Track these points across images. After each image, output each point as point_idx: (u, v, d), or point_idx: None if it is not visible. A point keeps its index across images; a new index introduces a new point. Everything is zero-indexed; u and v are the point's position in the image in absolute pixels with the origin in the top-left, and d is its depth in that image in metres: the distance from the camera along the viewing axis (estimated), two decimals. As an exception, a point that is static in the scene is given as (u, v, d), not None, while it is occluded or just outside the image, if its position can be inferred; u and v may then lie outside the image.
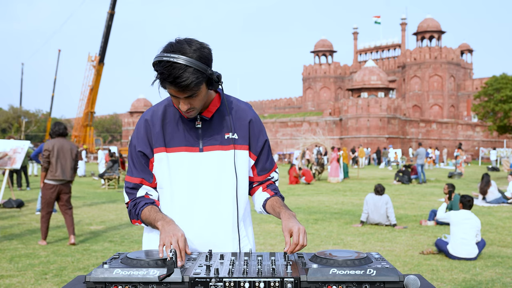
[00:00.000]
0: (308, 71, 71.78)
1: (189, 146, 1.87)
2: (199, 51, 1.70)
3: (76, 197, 13.60)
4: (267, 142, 2.01)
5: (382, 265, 1.50)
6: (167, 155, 1.87)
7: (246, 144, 1.93)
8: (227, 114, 1.91)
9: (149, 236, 1.97)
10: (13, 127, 68.74)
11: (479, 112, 33.65)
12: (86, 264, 5.87)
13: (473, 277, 5.45)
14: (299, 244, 1.67)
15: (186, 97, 1.73)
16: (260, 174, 2.02)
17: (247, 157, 1.95)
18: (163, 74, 1.67)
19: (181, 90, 1.69)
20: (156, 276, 1.44)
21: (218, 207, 1.88)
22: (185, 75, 1.65)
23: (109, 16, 43.40)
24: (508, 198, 12.64)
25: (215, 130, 1.89)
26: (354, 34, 76.29)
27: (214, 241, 1.88)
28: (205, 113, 1.88)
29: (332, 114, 50.95)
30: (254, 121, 1.96)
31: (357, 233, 8.16)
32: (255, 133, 1.96)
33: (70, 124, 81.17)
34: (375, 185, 9.01)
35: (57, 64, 61.49)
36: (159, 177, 1.90)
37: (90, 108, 49.98)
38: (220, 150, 1.88)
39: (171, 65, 1.65)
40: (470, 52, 69.77)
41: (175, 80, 1.66)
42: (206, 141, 1.88)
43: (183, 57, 1.66)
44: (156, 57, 1.69)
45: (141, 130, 1.90)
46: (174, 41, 1.72)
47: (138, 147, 1.89)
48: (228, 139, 1.89)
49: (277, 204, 1.92)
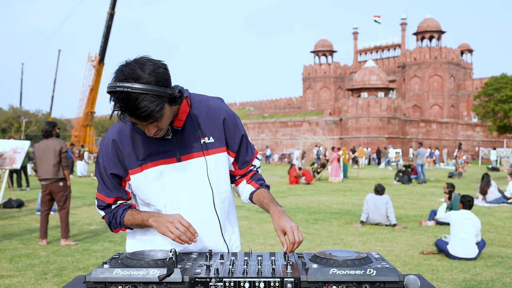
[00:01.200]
0: (308, 71, 71.76)
1: (166, 158, 1.79)
2: (154, 74, 1.56)
3: (76, 197, 13.60)
4: (244, 136, 1.95)
5: (382, 265, 1.50)
6: (144, 174, 1.79)
7: (223, 146, 1.89)
8: (199, 116, 1.83)
9: (132, 243, 1.95)
10: (13, 127, 68.72)
11: (479, 112, 33.65)
12: (86, 264, 5.87)
13: (473, 277, 5.45)
14: (296, 241, 1.67)
15: (150, 123, 1.64)
16: (242, 167, 2.00)
17: (226, 158, 1.92)
18: (120, 107, 1.56)
19: (143, 120, 1.59)
20: (156, 276, 1.44)
21: (205, 213, 1.86)
22: (143, 104, 1.54)
23: (109, 16, 43.38)
24: (508, 198, 12.64)
25: (189, 137, 1.81)
26: (354, 34, 76.30)
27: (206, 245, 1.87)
28: (176, 123, 1.79)
29: (332, 114, 50.95)
30: (227, 119, 1.89)
31: (357, 233, 8.16)
32: (230, 131, 1.90)
33: (70, 124, 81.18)
34: (375, 185, 9.01)
35: (57, 64, 61.55)
36: (143, 196, 1.85)
37: (90, 108, 49.96)
38: (198, 157, 1.83)
39: (126, 95, 1.52)
40: (470, 52, 69.76)
41: (134, 112, 1.55)
42: (182, 149, 1.81)
43: (137, 85, 1.52)
44: (109, 86, 1.56)
45: (109, 151, 1.80)
46: (124, 66, 1.58)
47: (109, 170, 1.80)
48: (205, 144, 1.84)
49: (265, 200, 1.90)
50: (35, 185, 17.40)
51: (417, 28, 63.96)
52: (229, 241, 1.96)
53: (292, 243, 1.67)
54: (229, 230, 1.97)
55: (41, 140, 7.22)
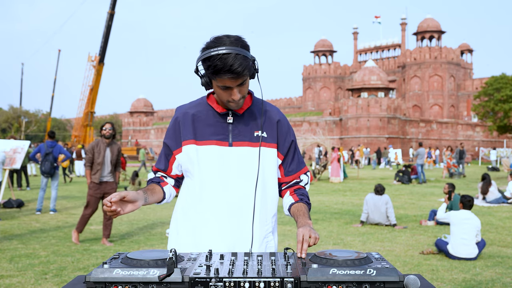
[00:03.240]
0: (308, 71, 71.76)
1: (219, 140, 1.92)
2: (239, 41, 1.78)
3: (76, 197, 13.61)
4: (294, 142, 2.04)
5: (382, 265, 1.50)
6: (196, 148, 1.93)
7: (274, 143, 1.97)
8: (257, 112, 1.97)
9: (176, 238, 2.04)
10: (13, 127, 68.75)
11: (479, 112, 33.64)
12: (86, 264, 5.87)
13: (473, 277, 5.45)
14: (303, 241, 1.70)
15: (238, 85, 1.80)
16: (287, 175, 2.05)
17: (275, 156, 1.99)
18: (217, 67, 1.73)
19: (236, 77, 1.76)
20: (156, 276, 1.44)
21: (243, 202, 1.92)
22: (238, 61, 1.73)
23: (109, 16, 43.36)
24: (508, 198, 12.64)
25: (245, 127, 1.94)
26: (354, 34, 76.30)
27: (237, 234, 1.91)
28: (237, 109, 1.93)
29: (332, 114, 50.95)
30: (281, 121, 2.01)
31: (357, 233, 8.16)
32: (282, 133, 2.00)
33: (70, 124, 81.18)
34: (375, 185, 9.01)
35: (57, 64, 61.51)
36: (188, 168, 1.96)
37: (90, 108, 49.94)
38: (249, 146, 1.93)
39: (221, 56, 1.72)
40: (470, 52, 69.77)
41: (230, 68, 1.72)
42: (235, 136, 1.93)
43: (230, 47, 1.74)
44: (202, 55, 1.77)
45: (171, 125, 2.02)
46: (212, 39, 1.79)
47: (165, 139, 2.02)
48: (257, 137, 1.94)
49: (299, 213, 1.95)
50: (35, 185, 17.41)
51: (417, 28, 63.96)
52: (263, 237, 1.97)
53: (300, 242, 1.70)
54: (265, 225, 1.98)
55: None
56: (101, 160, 7.15)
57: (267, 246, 2.00)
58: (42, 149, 10.19)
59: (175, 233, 2.06)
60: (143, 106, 69.40)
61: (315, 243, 1.74)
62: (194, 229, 1.97)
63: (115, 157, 7.28)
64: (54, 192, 10.58)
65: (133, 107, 69.70)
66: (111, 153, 7.24)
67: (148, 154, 51.14)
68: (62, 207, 11.46)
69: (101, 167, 7.17)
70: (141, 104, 69.53)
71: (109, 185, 7.28)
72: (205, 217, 1.93)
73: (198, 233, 1.95)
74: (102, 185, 7.25)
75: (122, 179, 19.78)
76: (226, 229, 1.91)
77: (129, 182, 17.75)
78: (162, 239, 7.62)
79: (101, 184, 7.25)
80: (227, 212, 1.91)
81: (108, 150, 7.24)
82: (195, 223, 1.96)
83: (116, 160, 7.30)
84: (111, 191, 7.25)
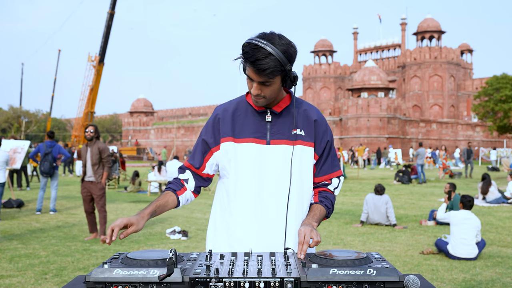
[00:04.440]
0: (308, 71, 71.76)
1: (257, 138, 1.93)
2: (286, 46, 1.79)
3: (76, 197, 13.61)
4: (330, 142, 2.03)
5: (382, 265, 1.50)
6: (234, 145, 1.94)
7: (312, 142, 1.97)
8: (295, 112, 1.96)
9: (214, 237, 2.06)
10: (13, 127, 68.73)
11: (479, 112, 33.62)
12: (86, 264, 5.87)
13: (473, 277, 5.45)
14: (304, 242, 1.70)
15: (260, 83, 1.81)
16: (318, 175, 2.03)
17: (312, 154, 1.98)
18: (247, 54, 1.76)
19: (257, 73, 1.77)
20: (156, 276, 1.44)
21: (278, 200, 1.92)
22: (266, 60, 1.75)
23: (109, 16, 43.35)
24: (508, 198, 12.64)
25: (283, 125, 1.95)
26: (354, 34, 76.29)
27: (272, 233, 1.91)
28: (275, 107, 1.95)
29: (332, 114, 50.95)
30: (319, 121, 2.01)
31: (357, 233, 8.16)
32: (319, 133, 2.00)
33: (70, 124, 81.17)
34: (375, 185, 9.01)
35: (57, 64, 61.52)
36: (225, 165, 1.97)
37: (90, 108, 49.93)
38: (286, 144, 1.93)
39: (257, 48, 1.75)
40: (470, 52, 69.76)
41: (255, 61, 1.75)
42: (273, 134, 1.94)
43: (270, 45, 1.76)
44: (248, 39, 1.80)
45: (210, 122, 2.02)
46: (270, 32, 1.83)
47: (202, 136, 2.03)
48: (295, 135, 1.94)
49: (310, 212, 1.95)
50: (35, 185, 17.41)
51: (417, 28, 63.95)
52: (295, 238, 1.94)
53: (300, 243, 1.70)
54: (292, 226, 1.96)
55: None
56: (84, 161, 7.60)
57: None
58: (41, 149, 10.19)
59: (213, 234, 2.06)
60: (143, 106, 69.38)
61: (316, 245, 1.74)
62: (229, 229, 1.97)
63: (96, 156, 7.52)
64: (54, 192, 10.58)
65: (133, 107, 69.69)
66: (91, 154, 7.55)
67: (148, 154, 51.12)
68: (62, 207, 11.46)
69: (85, 168, 7.60)
70: (141, 104, 69.51)
71: (93, 185, 7.59)
72: (239, 216, 1.94)
73: (232, 233, 1.95)
74: (87, 185, 7.63)
75: (122, 179, 19.77)
76: (262, 227, 1.91)
77: (129, 182, 17.76)
78: (162, 239, 7.63)
79: (86, 183, 7.64)
80: (262, 211, 1.91)
81: (89, 151, 7.59)
82: (231, 222, 1.96)
83: (98, 160, 7.52)
84: (95, 190, 7.57)
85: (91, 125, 7.66)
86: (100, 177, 7.57)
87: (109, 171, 7.67)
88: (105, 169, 7.60)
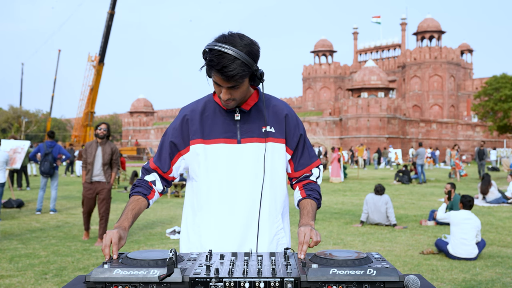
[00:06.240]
0: (308, 71, 71.75)
1: (227, 138, 1.91)
2: (249, 46, 1.76)
3: (76, 197, 13.61)
4: (303, 136, 2.02)
5: (382, 265, 1.50)
6: (204, 147, 1.91)
7: (282, 138, 1.96)
8: (264, 108, 1.94)
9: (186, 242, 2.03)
10: (13, 127, 68.73)
11: (479, 112, 33.61)
12: (86, 264, 5.87)
13: (473, 277, 5.45)
14: (303, 242, 1.70)
15: (229, 87, 1.79)
16: (297, 169, 2.03)
17: (283, 150, 1.97)
18: (212, 62, 1.72)
19: (226, 80, 1.75)
20: (156, 276, 1.44)
21: (251, 199, 1.91)
22: (233, 66, 1.71)
23: (109, 16, 43.38)
24: (508, 198, 12.64)
25: (253, 123, 1.93)
26: (354, 34, 76.28)
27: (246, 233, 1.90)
28: (244, 106, 1.93)
29: (332, 114, 50.94)
30: (289, 115, 1.99)
31: (357, 233, 8.16)
32: (290, 127, 1.98)
33: (70, 124, 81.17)
34: (375, 185, 9.01)
35: (57, 64, 61.59)
36: (195, 169, 1.94)
37: (90, 108, 49.97)
38: (257, 142, 1.92)
39: (221, 54, 1.71)
40: (470, 52, 69.75)
41: (222, 69, 1.71)
42: (244, 133, 1.92)
43: (234, 49, 1.71)
44: (208, 45, 1.75)
45: (177, 123, 1.97)
46: (227, 34, 1.78)
47: (171, 138, 1.96)
48: (265, 132, 1.93)
49: (303, 211, 1.93)
50: (35, 185, 17.41)
51: (417, 28, 63.94)
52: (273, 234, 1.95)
53: (301, 243, 1.69)
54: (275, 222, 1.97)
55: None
56: (91, 160, 7.21)
57: (278, 243, 1.98)
58: (42, 149, 10.19)
59: (185, 237, 2.04)
60: (143, 106, 69.40)
61: (315, 245, 1.74)
62: (202, 231, 1.95)
63: (108, 157, 7.25)
64: (54, 192, 10.58)
65: (133, 107, 69.70)
66: (103, 153, 7.24)
67: (148, 154, 51.11)
68: (62, 207, 11.46)
69: (92, 166, 7.23)
70: (141, 104, 69.53)
71: (101, 185, 7.31)
72: (213, 217, 1.92)
73: (205, 235, 1.94)
74: (93, 185, 7.31)
75: (122, 179, 19.78)
76: (235, 228, 1.90)
77: (129, 182, 17.76)
78: (162, 239, 7.62)
79: (92, 184, 7.31)
80: (235, 211, 1.90)
81: (99, 150, 7.26)
82: (204, 224, 1.95)
83: (109, 160, 7.28)
84: (103, 191, 7.30)
85: (104, 123, 7.34)
86: (109, 177, 7.34)
87: (117, 172, 7.49)
88: (113, 170, 7.36)
